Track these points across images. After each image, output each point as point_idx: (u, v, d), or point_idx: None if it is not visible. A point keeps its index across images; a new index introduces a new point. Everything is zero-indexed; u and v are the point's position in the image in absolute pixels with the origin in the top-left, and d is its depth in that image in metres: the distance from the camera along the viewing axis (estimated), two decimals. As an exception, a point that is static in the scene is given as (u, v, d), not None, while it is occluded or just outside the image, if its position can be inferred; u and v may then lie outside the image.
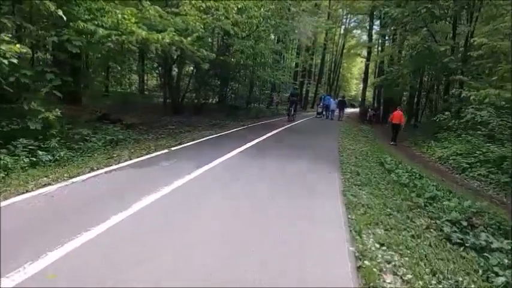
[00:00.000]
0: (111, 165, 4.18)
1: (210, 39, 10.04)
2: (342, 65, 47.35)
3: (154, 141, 6.16)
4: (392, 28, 14.23)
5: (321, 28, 18.27)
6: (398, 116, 10.47)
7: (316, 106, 16.79)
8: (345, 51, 32.24)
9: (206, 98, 15.53)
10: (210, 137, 7.44)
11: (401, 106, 9.86)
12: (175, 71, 13.21)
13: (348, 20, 33.71)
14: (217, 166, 4.60)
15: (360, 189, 4.01)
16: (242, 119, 13.55)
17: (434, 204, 3.72)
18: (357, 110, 38.97)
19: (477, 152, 6.54)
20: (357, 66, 58.52)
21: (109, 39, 5.24)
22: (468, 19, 11.17)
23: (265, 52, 13.75)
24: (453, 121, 8.32)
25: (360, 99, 47.46)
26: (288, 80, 28.90)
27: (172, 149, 5.58)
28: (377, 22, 21.61)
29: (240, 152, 5.76)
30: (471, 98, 7.63)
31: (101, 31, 4.99)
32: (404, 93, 19.13)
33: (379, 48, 21.34)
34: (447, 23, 12.40)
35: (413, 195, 4.05)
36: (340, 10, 29.19)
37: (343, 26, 35.78)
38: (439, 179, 5.76)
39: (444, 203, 3.70)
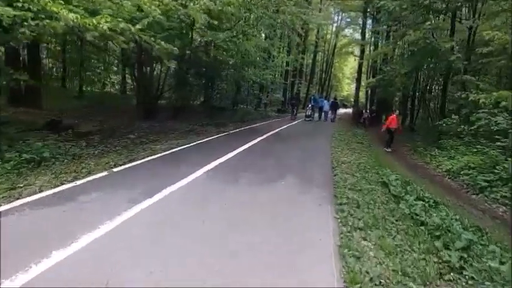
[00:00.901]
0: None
1: (184, 32, 8.66)
2: (333, 64, 46.67)
3: (98, 158, 4.80)
4: (388, 24, 13.17)
5: (311, 23, 17.14)
6: (396, 121, 9.53)
7: (305, 108, 15.53)
8: (336, 50, 31.32)
9: (188, 99, 14.14)
10: (178, 148, 6.11)
11: (399, 109, 8.77)
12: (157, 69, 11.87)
13: (339, 18, 32.83)
14: (166, 199, 3.30)
15: (363, 238, 2.77)
16: (226, 122, 12.26)
17: (474, 264, 2.52)
18: (348, 110, 38.19)
19: (497, 168, 5.43)
20: (349, 65, 58.03)
21: (25, 23, 3.87)
22: (471, 13, 10.16)
23: (250, 49, 12.47)
24: (462, 127, 7.23)
25: (353, 99, 46.60)
26: (278, 80, 27.76)
27: (116, 170, 4.24)
28: (369, 22, 20.72)
29: (208, 171, 4.48)
30: (480, 101, 6.58)
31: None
32: (397, 94, 18.23)
33: (372, 47, 20.44)
34: (447, 17, 11.43)
35: (438, 245, 2.84)
36: (332, 8, 28.22)
37: (335, 24, 34.92)
38: (456, 204, 4.62)
39: (490, 263, 2.50)
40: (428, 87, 17.04)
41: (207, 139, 7.53)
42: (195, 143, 6.70)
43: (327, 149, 7.60)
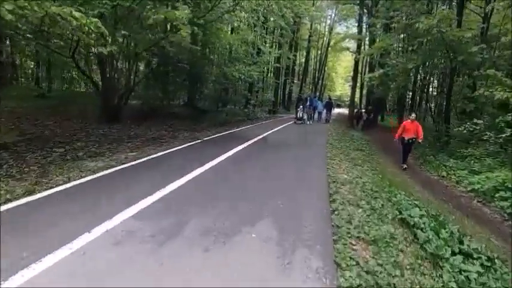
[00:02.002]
0: None
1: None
2: (327, 63, 45.50)
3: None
4: (387, 17, 11.73)
5: (303, 15, 15.65)
6: (413, 128, 7.04)
7: (296, 109, 13.94)
8: (331, 46, 30.00)
9: (163, 99, 12.44)
10: (113, 169, 4.37)
11: (415, 112, 7.02)
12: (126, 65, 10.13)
13: (333, 15, 31.51)
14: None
15: None
16: (205, 126, 10.64)
17: None
18: (342, 110, 36.93)
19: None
20: (343, 64, 57.10)
21: None
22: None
23: (233, 43, 10.87)
24: (488, 133, 5.79)
25: (347, 99, 45.27)
26: (269, 79, 26.25)
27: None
28: (364, 19, 19.29)
29: (139, 213, 2.89)
30: None
31: None
32: (394, 93, 16.86)
33: (367, 44, 19.05)
34: (452, 7, 10.07)
35: None
36: (325, 3, 26.81)
37: (328, 22, 33.64)
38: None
39: None
40: (427, 85, 15.74)
41: (169, 151, 5.90)
42: (146, 159, 5.06)
43: (322, 162, 6.05)
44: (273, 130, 10.59)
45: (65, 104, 11.19)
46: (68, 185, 3.49)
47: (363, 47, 17.40)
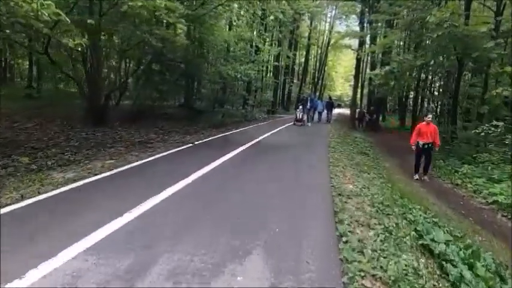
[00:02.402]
0: None
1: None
2: (327, 62, 44.95)
3: None
4: (390, 13, 11.12)
5: (303, 11, 15.06)
6: (430, 131, 5.99)
7: (295, 110, 13.24)
8: (332, 43, 29.50)
9: (157, 100, 11.81)
10: (81, 183, 3.76)
11: (432, 113, 6.19)
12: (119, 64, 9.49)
13: (333, 13, 30.94)
14: None
15: None
16: (199, 128, 10.04)
17: None
18: (342, 110, 36.33)
19: None
20: (343, 64, 56.59)
21: None
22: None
23: (230, 40, 10.27)
24: (510, 137, 5.19)
25: (349, 99, 44.74)
26: (267, 78, 25.65)
27: None
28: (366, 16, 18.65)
29: (73, 261, 2.29)
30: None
31: None
32: (395, 92, 16.25)
33: (368, 42, 18.45)
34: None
35: None
36: (325, 2, 26.22)
37: (328, 20, 33.10)
38: None
39: None
40: (430, 85, 15.15)
41: (154, 157, 5.28)
42: (124, 168, 4.44)
43: (325, 169, 5.44)
44: (270, 132, 9.98)
45: (53, 105, 10.60)
46: (15, 207, 2.86)
47: (364, 45, 16.82)
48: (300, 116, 12.38)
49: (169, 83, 12.13)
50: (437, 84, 16.14)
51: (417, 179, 6.36)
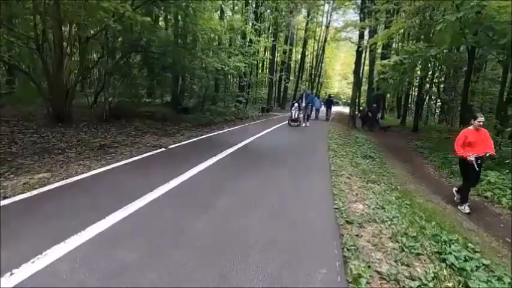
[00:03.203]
0: None
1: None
2: (324, 59, 44.01)
3: None
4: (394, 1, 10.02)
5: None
6: (481, 138, 4.27)
7: (290, 109, 11.92)
8: (331, 35, 28.48)
9: (135, 96, 10.59)
10: None
11: (481, 114, 4.36)
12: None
13: (330, 8, 29.87)
14: None
15: None
16: (182, 128, 8.87)
17: None
18: (339, 109, 35.35)
19: None
20: (340, 61, 55.71)
21: None
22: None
23: (216, 28, 9.10)
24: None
25: (346, 97, 43.78)
26: (262, 74, 24.50)
27: None
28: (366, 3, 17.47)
29: None
30: None
31: None
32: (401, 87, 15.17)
33: (366, 38, 17.33)
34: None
35: None
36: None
37: (325, 15, 32.07)
38: None
39: None
40: (438, 80, 14.12)
41: (109, 167, 4.11)
42: (57, 185, 3.25)
43: (324, 181, 4.32)
44: (262, 133, 8.84)
45: (17, 104, 9.37)
46: None
47: (364, 38, 15.72)
48: (296, 115, 11.10)
49: (150, 78, 10.93)
50: (441, 79, 15.15)
51: (469, 212, 4.28)
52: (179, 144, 6.28)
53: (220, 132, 8.52)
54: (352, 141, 9.15)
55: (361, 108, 13.59)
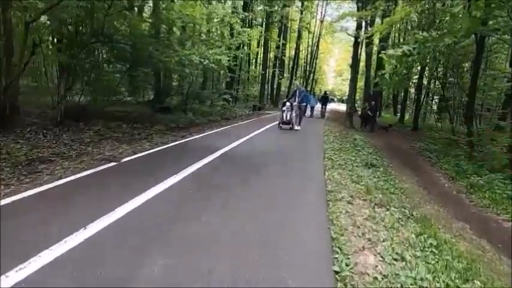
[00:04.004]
0: None
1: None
2: (318, 55, 42.99)
3: None
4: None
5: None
6: None
7: (281, 108, 10.21)
8: (326, 26, 27.45)
9: (105, 94, 9.26)
10: None
11: None
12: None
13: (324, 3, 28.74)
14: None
15: None
16: (154, 131, 7.65)
17: None
18: (334, 106, 34.34)
19: None
20: (334, 57, 54.75)
21: None
22: None
23: (195, 16, 7.86)
24: None
25: (343, 94, 42.42)
26: (253, 71, 23.30)
27: None
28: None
29: None
30: None
31: None
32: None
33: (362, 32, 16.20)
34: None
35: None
36: None
37: (319, 8, 30.96)
38: None
39: None
40: (438, 75, 13.04)
41: (13, 198, 2.91)
42: None
43: (321, 223, 3.14)
44: (247, 137, 7.64)
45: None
46: None
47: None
48: (288, 117, 9.47)
49: (123, 75, 9.61)
50: (441, 74, 14.09)
51: None
52: (140, 155, 5.06)
53: (198, 136, 7.28)
54: (350, 145, 8.05)
55: (357, 105, 12.42)
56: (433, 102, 18.01)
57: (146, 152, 5.25)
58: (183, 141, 6.63)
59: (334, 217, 3.07)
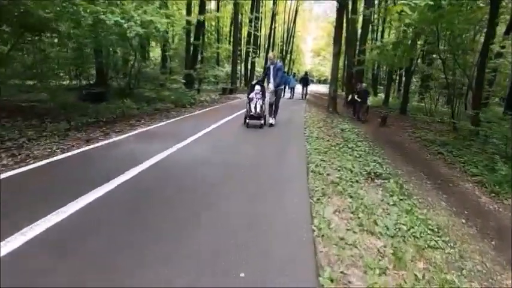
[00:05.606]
0: None
1: None
2: (295, 33, 40.45)
3: None
4: None
5: None
6: None
7: (248, 96, 6.62)
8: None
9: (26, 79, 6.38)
10: None
11: None
12: None
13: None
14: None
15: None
16: (72, 127, 5.10)
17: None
18: (314, 88, 32.46)
19: None
20: (312, 34, 52.43)
21: None
22: None
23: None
24: None
25: (322, 74, 40.40)
26: (223, 48, 20.54)
27: None
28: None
29: None
30: None
31: None
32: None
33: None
34: None
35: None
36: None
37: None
38: None
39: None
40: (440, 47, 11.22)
41: None
42: None
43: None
44: (194, 137, 5.30)
45: None
46: None
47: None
48: (258, 109, 6.36)
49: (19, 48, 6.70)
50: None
51: None
52: (17, 171, 2.62)
53: (116, 139, 4.77)
54: (339, 140, 6.01)
55: (354, 90, 10.04)
56: (416, 81, 16.60)
57: (31, 166, 2.80)
58: (98, 144, 4.18)
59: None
